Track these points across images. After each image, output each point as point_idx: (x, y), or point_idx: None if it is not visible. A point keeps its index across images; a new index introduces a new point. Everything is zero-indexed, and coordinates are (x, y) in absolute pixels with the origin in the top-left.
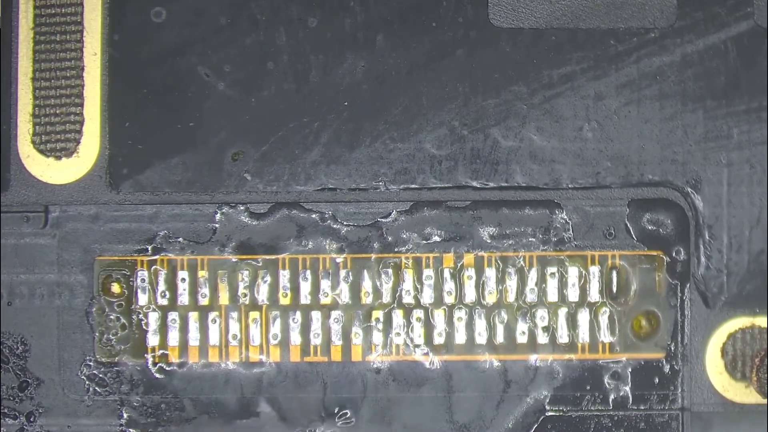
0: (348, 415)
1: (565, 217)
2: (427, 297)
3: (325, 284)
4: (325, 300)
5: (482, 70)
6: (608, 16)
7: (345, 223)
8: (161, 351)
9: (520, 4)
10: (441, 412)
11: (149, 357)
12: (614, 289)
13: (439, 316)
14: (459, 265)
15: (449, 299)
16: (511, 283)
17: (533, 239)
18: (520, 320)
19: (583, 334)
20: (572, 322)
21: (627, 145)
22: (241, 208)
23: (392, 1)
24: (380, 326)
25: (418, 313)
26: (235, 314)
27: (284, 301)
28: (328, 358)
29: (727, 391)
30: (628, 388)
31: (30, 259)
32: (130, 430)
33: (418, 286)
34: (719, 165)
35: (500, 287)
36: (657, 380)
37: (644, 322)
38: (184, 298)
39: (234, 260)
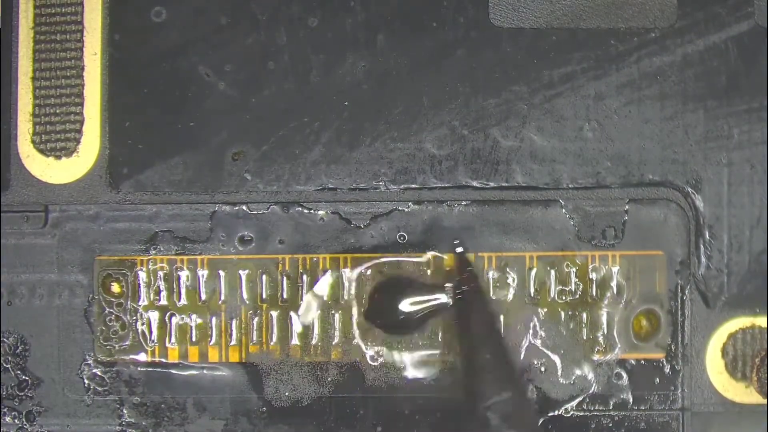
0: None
1: (566, 216)
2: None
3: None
4: (324, 299)
5: (483, 70)
6: (609, 16)
7: (345, 222)
8: (161, 350)
9: (520, 4)
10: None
11: (149, 357)
12: (614, 289)
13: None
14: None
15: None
16: (512, 282)
17: (533, 239)
18: (520, 319)
19: (584, 334)
20: (572, 322)
21: (627, 145)
22: (242, 207)
23: (393, 1)
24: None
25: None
26: (235, 314)
27: (284, 300)
28: (327, 357)
29: (727, 391)
30: (628, 388)
31: (30, 258)
32: (130, 430)
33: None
34: (720, 165)
35: (500, 287)
36: (657, 380)
37: (644, 322)
38: (184, 298)
39: (234, 260)
